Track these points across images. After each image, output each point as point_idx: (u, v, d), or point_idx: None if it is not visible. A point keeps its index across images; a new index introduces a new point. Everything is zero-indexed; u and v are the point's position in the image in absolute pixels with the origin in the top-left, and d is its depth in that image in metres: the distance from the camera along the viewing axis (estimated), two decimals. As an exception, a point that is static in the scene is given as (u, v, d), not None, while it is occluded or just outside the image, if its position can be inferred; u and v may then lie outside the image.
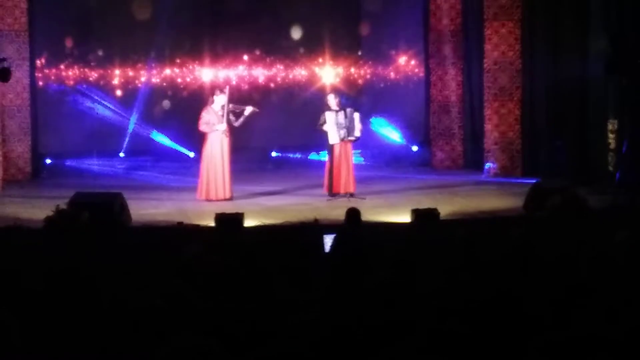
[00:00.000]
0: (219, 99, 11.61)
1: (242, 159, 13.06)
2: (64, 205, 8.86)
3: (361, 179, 12.20)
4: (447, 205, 10.62)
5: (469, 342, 3.13)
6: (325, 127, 11.55)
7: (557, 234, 7.01)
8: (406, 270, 4.89)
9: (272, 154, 15.96)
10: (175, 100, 15.51)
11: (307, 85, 15.76)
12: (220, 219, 9.22)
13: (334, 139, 11.55)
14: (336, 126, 11.50)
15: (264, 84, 15.74)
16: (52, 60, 15.05)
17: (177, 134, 15.23)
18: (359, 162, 14.20)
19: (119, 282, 4.56)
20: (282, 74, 15.77)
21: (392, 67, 15.89)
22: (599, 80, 12.27)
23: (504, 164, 13.87)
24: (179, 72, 15.54)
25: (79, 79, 15.21)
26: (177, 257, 5.24)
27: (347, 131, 11.54)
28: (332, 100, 11.73)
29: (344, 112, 11.57)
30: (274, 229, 8.96)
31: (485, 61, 13.88)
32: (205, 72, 15.55)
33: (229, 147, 11.64)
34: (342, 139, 11.56)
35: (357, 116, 11.65)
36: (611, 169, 11.92)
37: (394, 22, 15.61)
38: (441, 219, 9.43)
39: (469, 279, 4.47)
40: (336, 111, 11.58)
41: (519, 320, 3.73)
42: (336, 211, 9.63)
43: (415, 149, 15.86)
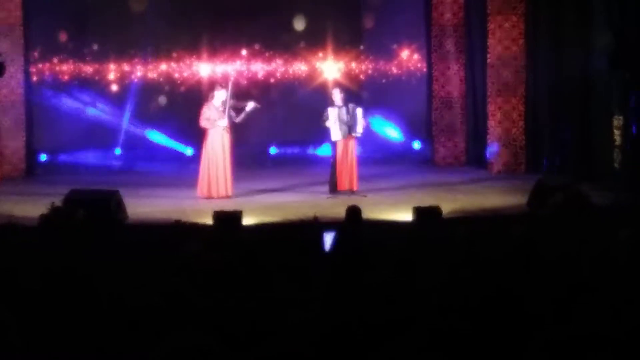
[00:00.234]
0: (220, 95, 11.47)
1: (241, 156, 13.00)
2: (59, 202, 8.79)
3: (362, 176, 12.13)
4: (449, 202, 10.55)
5: (470, 340, 3.12)
6: (327, 124, 11.46)
7: (560, 231, 6.96)
8: (407, 268, 4.86)
9: (271, 150, 15.92)
10: (172, 95, 15.46)
11: (308, 80, 15.70)
12: (218, 216, 9.15)
13: (336, 135, 11.48)
14: (338, 122, 11.41)
15: (263, 79, 15.68)
16: (46, 54, 14.95)
17: (174, 130, 15.18)
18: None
19: (116, 280, 4.53)
20: (281, 68, 15.70)
21: (394, 62, 15.84)
22: (603, 75, 12.20)
23: (507, 160, 13.78)
24: (176, 67, 15.47)
25: (74, 74, 15.14)
26: (174, 255, 5.21)
27: (349, 128, 11.46)
28: (336, 95, 11.64)
29: (346, 108, 11.48)
30: (273, 226, 8.92)
31: (488, 56, 13.77)
32: (203, 67, 15.49)
33: (230, 143, 11.55)
34: (344, 136, 11.47)
35: (359, 112, 11.55)
36: (616, 165, 11.85)
37: (396, 15, 15.53)
38: (443, 216, 9.38)
39: (470, 276, 4.43)
40: (339, 107, 11.49)
41: (520, 318, 3.72)
42: (336, 209, 9.57)
43: (417, 145, 15.80)
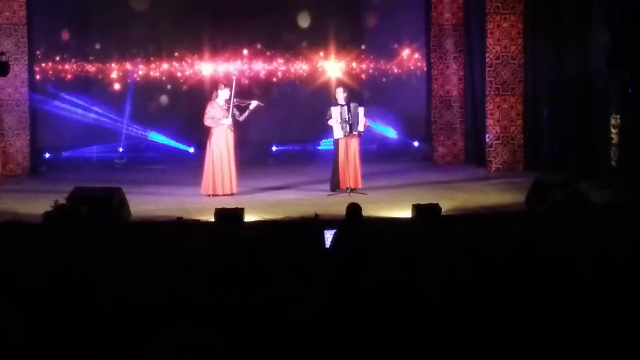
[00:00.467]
0: (223, 93, 11.50)
1: (243, 153, 13.03)
2: (62, 200, 8.84)
3: (362, 174, 12.15)
4: (449, 200, 10.57)
5: (469, 337, 3.13)
6: (330, 122, 11.53)
7: (559, 229, 6.98)
8: (407, 265, 4.88)
9: (273, 148, 15.94)
10: (174, 94, 15.48)
11: (309, 79, 15.73)
12: (220, 214, 9.19)
13: (338, 133, 11.54)
14: (340, 121, 11.47)
15: (264, 78, 15.70)
16: (50, 53, 15.01)
17: (176, 129, 15.20)
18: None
19: (119, 277, 4.54)
20: (282, 67, 15.73)
21: (394, 61, 15.86)
22: (602, 74, 12.22)
23: (506, 159, 13.82)
24: (178, 66, 15.50)
25: (76, 72, 15.19)
26: (176, 252, 5.23)
27: (351, 126, 11.51)
28: (340, 94, 11.68)
29: (347, 106, 11.53)
30: (275, 224, 8.94)
31: (487, 55, 13.79)
32: (205, 66, 15.51)
33: (234, 141, 11.58)
34: (346, 134, 11.52)
35: (361, 111, 11.60)
36: (614, 164, 11.87)
37: (396, 15, 15.56)
38: (442, 214, 9.40)
39: (469, 274, 4.45)
40: (341, 106, 11.55)
41: (520, 315, 3.72)
42: (337, 206, 9.60)
43: (416, 144, 15.83)
